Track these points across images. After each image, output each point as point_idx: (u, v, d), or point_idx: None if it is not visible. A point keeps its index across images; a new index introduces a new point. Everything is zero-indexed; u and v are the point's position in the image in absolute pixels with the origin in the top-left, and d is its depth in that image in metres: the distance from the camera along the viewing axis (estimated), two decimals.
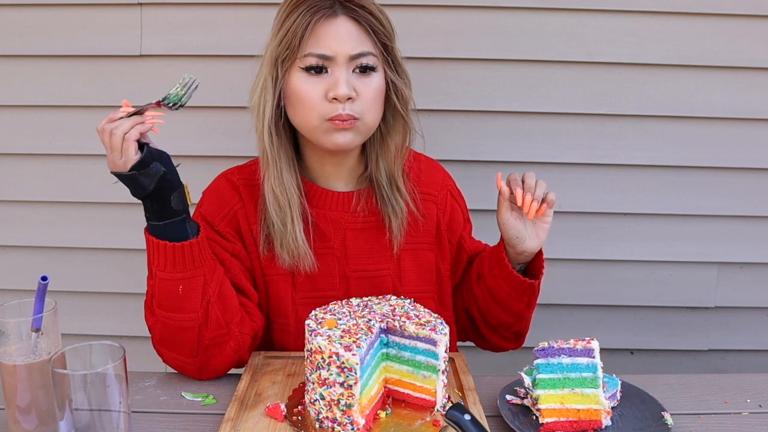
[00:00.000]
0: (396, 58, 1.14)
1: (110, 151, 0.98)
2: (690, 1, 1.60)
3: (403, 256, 1.22)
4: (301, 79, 1.09)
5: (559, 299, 1.77)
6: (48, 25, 1.63)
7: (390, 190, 1.19)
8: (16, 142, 1.70)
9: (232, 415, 0.95)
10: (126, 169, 0.98)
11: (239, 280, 1.15)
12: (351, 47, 1.08)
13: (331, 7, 1.08)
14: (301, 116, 1.11)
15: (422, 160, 1.29)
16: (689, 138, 1.68)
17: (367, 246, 1.20)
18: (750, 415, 1.02)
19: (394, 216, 1.19)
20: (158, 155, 1.00)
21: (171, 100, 1.02)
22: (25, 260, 1.77)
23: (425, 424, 0.93)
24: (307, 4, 1.08)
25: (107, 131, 0.98)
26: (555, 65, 1.64)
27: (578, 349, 0.96)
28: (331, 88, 1.08)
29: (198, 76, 1.10)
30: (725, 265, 1.76)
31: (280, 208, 1.13)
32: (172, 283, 1.03)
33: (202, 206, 1.20)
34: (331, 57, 1.08)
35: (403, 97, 1.15)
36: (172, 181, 1.01)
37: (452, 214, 1.28)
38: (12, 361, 0.88)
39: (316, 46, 1.07)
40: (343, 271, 1.20)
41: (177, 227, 1.03)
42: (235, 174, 1.21)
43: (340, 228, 1.20)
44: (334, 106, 1.08)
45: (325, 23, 1.07)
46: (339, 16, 1.08)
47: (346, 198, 1.20)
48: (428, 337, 0.95)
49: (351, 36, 1.08)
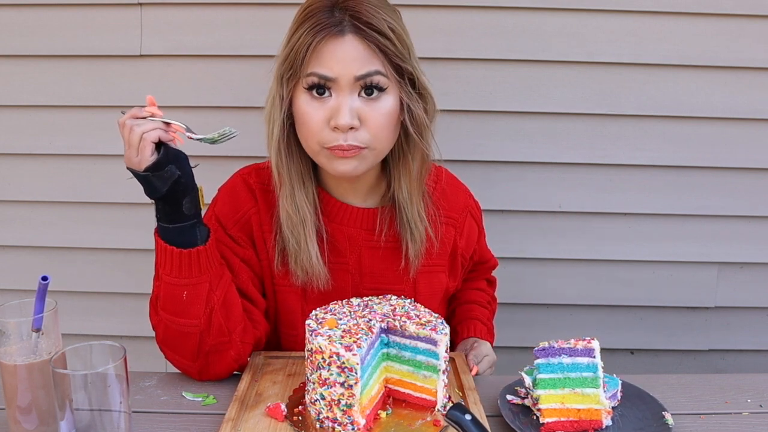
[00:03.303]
0: (414, 76, 1.06)
1: (127, 147, 0.96)
2: (690, 1, 1.60)
3: (419, 279, 1.19)
4: (304, 100, 1.04)
5: (559, 299, 1.77)
6: (48, 25, 1.63)
7: (410, 214, 1.13)
8: (16, 142, 1.70)
9: (232, 415, 0.95)
10: (141, 168, 0.96)
11: (246, 287, 1.13)
12: (356, 68, 1.01)
13: (338, 24, 1.01)
14: (303, 138, 1.07)
15: (445, 180, 1.24)
16: (689, 138, 1.68)
17: (384, 265, 1.17)
18: (750, 415, 1.02)
19: (412, 242, 1.14)
20: (175, 157, 0.98)
21: (202, 139, 0.99)
22: (25, 260, 1.77)
23: (426, 424, 0.93)
24: (314, 20, 1.01)
25: (128, 127, 0.96)
26: (555, 65, 1.64)
27: (579, 349, 0.96)
28: (333, 115, 1.02)
29: (198, 76, 1.10)
30: (725, 265, 1.76)
31: (294, 227, 1.10)
32: (177, 288, 1.02)
33: (216, 206, 1.17)
34: (333, 78, 1.01)
35: (417, 121, 1.07)
36: (186, 185, 0.99)
37: (469, 233, 1.26)
38: (12, 361, 0.88)
39: (318, 66, 1.01)
40: (356, 288, 1.17)
41: (186, 232, 1.01)
42: (252, 176, 1.17)
43: (357, 245, 1.17)
44: (335, 135, 1.03)
45: (331, 42, 1.01)
46: (346, 34, 1.01)
47: (365, 215, 1.16)
48: (429, 337, 0.95)
49: (357, 56, 1.01)
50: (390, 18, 1.04)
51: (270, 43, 1.25)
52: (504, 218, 1.72)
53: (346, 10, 1.02)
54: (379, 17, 1.02)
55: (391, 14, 1.05)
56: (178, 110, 1.64)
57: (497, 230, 1.70)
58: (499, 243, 1.39)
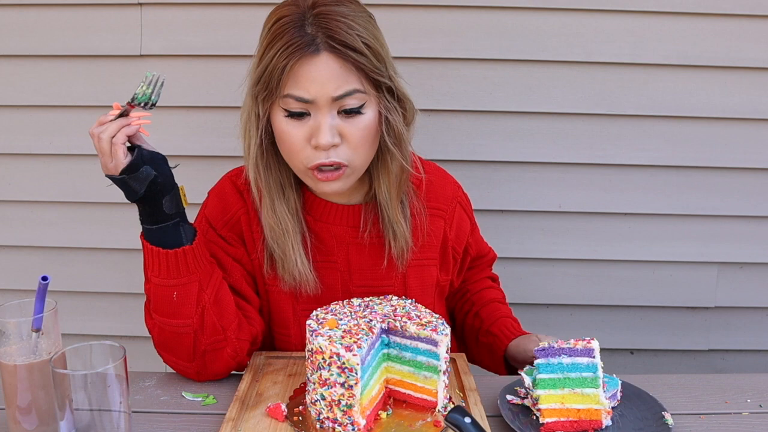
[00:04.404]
0: (393, 87, 1.06)
1: (101, 155, 0.97)
2: (690, 1, 1.60)
3: (409, 273, 1.19)
4: (282, 120, 1.04)
5: (559, 299, 1.77)
6: (48, 25, 1.63)
7: (392, 215, 1.13)
8: (16, 142, 1.70)
9: (233, 415, 0.95)
10: (117, 172, 0.97)
11: (240, 285, 1.14)
12: (333, 88, 1.00)
13: (311, 44, 0.99)
14: (287, 157, 1.07)
15: (432, 172, 1.24)
16: (689, 138, 1.68)
17: (372, 261, 1.18)
18: (750, 415, 1.02)
19: (394, 240, 1.15)
20: (150, 158, 0.98)
21: (140, 100, 0.99)
22: (25, 260, 1.77)
23: (426, 425, 0.93)
24: (287, 38, 0.99)
25: (95, 135, 0.97)
26: (555, 65, 1.64)
27: (578, 349, 0.96)
28: (314, 134, 1.02)
29: (198, 76, 1.10)
30: (725, 265, 1.76)
31: (278, 238, 1.10)
32: (167, 289, 1.02)
33: (207, 208, 1.18)
34: (310, 101, 1.01)
35: (394, 132, 1.07)
36: (163, 185, 0.99)
37: (459, 224, 1.26)
38: (12, 361, 0.88)
39: (295, 88, 1.00)
40: (346, 286, 1.18)
41: (170, 231, 1.01)
42: (240, 177, 1.18)
43: (344, 243, 1.17)
44: (317, 153, 1.03)
45: (306, 63, 0.99)
46: (321, 53, 0.99)
47: (350, 212, 1.17)
48: (429, 338, 0.95)
49: (333, 76, 1.00)
50: (364, 31, 1.02)
51: None
52: (504, 218, 1.72)
53: (318, 27, 1.00)
54: (353, 33, 1.00)
55: (365, 24, 1.03)
56: (178, 110, 1.65)
57: (497, 230, 1.70)
58: (499, 243, 1.39)
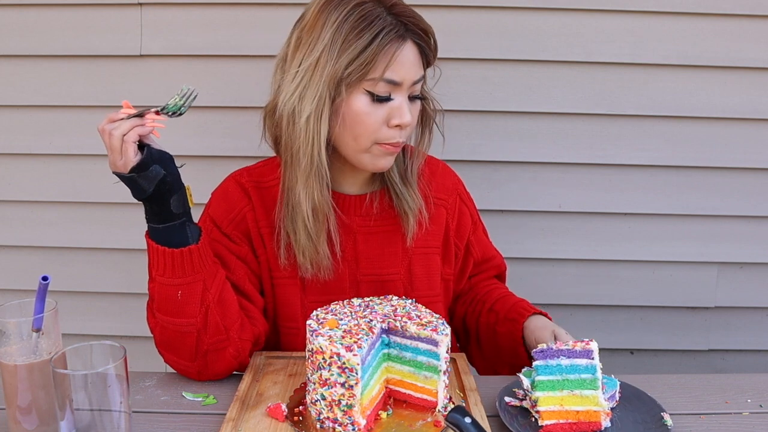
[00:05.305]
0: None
1: (110, 152, 0.97)
2: (690, 1, 1.60)
3: (414, 261, 1.21)
4: (364, 102, 1.06)
5: (559, 299, 1.77)
6: (48, 25, 1.63)
7: (404, 187, 1.18)
8: (16, 142, 1.70)
9: (233, 415, 0.95)
10: (126, 170, 0.97)
11: (243, 284, 1.14)
12: (414, 73, 1.07)
13: (401, 30, 1.05)
14: (353, 137, 1.08)
15: (433, 164, 1.28)
16: (689, 138, 1.68)
17: (378, 250, 1.19)
18: (750, 415, 1.02)
19: (410, 210, 1.18)
20: (159, 157, 0.99)
21: (170, 110, 1.00)
22: (25, 260, 1.77)
23: (426, 425, 0.93)
24: (380, 23, 1.03)
25: (107, 132, 0.97)
26: (555, 65, 1.64)
27: (577, 351, 0.95)
28: (395, 115, 1.07)
29: (198, 76, 1.11)
30: (725, 265, 1.77)
31: (317, 223, 1.11)
32: (171, 288, 1.02)
33: (210, 208, 1.18)
34: (399, 83, 1.06)
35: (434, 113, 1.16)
36: (172, 184, 1.00)
37: (461, 217, 1.28)
38: (12, 361, 0.88)
39: (390, 72, 1.04)
40: (353, 275, 1.19)
41: (177, 231, 1.02)
42: (244, 176, 1.19)
43: (351, 232, 1.19)
44: (393, 132, 1.08)
45: (399, 48, 1.05)
46: (407, 40, 1.06)
47: (357, 201, 1.19)
48: (430, 338, 0.95)
49: (415, 61, 1.07)
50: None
51: (270, 43, 1.25)
52: (504, 218, 1.72)
53: (399, 15, 1.06)
54: (427, 24, 1.09)
55: None
56: None
57: (497, 230, 1.69)
58: (499, 243, 1.39)
